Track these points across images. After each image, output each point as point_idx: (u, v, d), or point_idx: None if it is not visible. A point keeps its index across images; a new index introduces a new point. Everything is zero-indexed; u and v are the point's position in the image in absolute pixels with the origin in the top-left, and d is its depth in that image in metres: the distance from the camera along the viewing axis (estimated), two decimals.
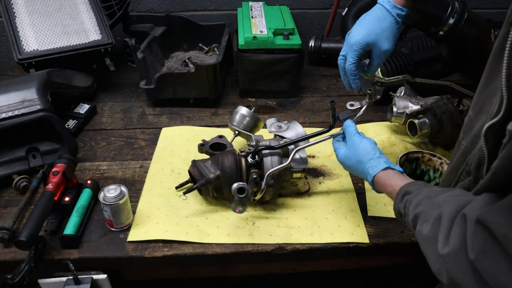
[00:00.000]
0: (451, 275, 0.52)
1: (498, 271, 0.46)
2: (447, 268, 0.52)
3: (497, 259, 0.46)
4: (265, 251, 0.82)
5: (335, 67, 1.55)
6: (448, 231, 0.53)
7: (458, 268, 0.51)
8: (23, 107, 0.97)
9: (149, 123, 1.20)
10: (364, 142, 0.78)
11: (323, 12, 1.59)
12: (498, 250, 0.46)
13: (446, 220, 0.54)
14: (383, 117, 1.17)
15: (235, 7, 1.52)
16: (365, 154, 0.76)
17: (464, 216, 0.52)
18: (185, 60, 1.44)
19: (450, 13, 1.07)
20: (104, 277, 0.80)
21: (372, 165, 0.74)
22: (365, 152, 0.76)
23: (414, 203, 0.62)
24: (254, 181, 0.83)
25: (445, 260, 0.53)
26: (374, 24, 0.84)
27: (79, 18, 1.26)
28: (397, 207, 0.66)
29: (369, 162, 0.74)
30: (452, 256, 0.52)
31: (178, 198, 0.92)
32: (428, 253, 0.57)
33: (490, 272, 0.47)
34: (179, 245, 0.82)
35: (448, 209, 0.55)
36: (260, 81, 1.28)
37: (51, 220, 0.84)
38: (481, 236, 0.48)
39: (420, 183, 0.67)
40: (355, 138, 0.80)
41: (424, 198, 0.61)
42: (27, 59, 1.15)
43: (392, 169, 0.73)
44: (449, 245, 0.52)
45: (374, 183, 0.74)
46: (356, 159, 0.77)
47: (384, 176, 0.72)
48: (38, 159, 0.99)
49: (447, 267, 0.52)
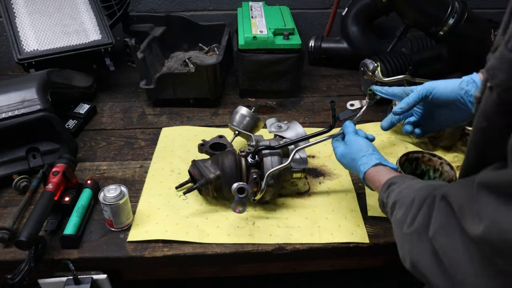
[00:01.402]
0: (412, 255, 0.52)
1: (452, 248, 0.46)
2: (409, 249, 0.53)
3: (453, 236, 0.46)
4: (265, 251, 0.82)
5: (335, 67, 1.55)
6: (417, 212, 0.54)
7: (418, 248, 0.51)
8: (23, 107, 0.97)
9: (149, 123, 1.20)
10: (359, 140, 0.79)
11: (323, 12, 1.59)
12: (455, 226, 0.46)
13: (417, 202, 0.55)
14: (383, 117, 1.16)
15: (235, 7, 1.52)
16: (358, 152, 0.77)
17: (434, 197, 0.52)
18: (185, 60, 1.44)
19: (450, 13, 1.08)
20: (104, 277, 0.80)
21: (363, 162, 0.75)
22: (358, 149, 0.77)
23: (396, 192, 0.63)
24: (254, 181, 0.83)
25: (408, 240, 0.53)
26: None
27: (79, 18, 1.26)
28: (381, 197, 0.67)
29: (361, 159, 0.76)
30: (414, 235, 0.52)
31: (178, 198, 0.92)
32: (397, 238, 0.57)
33: (444, 249, 0.47)
34: (179, 245, 0.82)
35: (422, 193, 0.55)
36: (260, 81, 1.28)
37: (51, 220, 0.84)
38: (443, 212, 0.49)
39: (408, 176, 0.68)
40: (350, 137, 0.81)
41: (406, 188, 0.62)
42: (27, 59, 1.15)
43: (384, 165, 0.73)
44: (414, 225, 0.53)
45: (365, 179, 0.75)
46: (350, 157, 0.79)
47: (374, 172, 0.73)
48: (38, 159, 0.99)
49: (409, 247, 0.53)
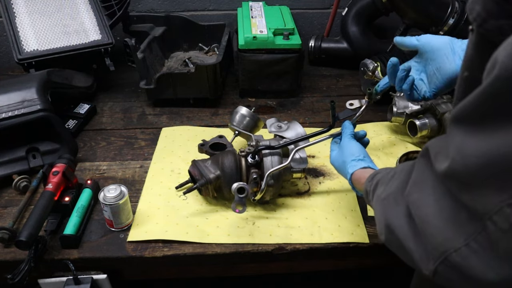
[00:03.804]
0: (387, 220, 0.51)
1: (423, 202, 0.45)
2: (384, 214, 0.52)
3: (426, 189, 0.45)
4: (265, 251, 0.82)
5: (335, 67, 1.55)
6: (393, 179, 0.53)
7: (394, 211, 0.50)
8: (23, 107, 0.97)
9: (149, 123, 1.20)
10: (352, 144, 0.78)
11: (323, 12, 1.59)
12: (428, 176, 0.46)
13: (397, 175, 0.54)
14: (383, 117, 1.17)
15: (235, 7, 1.52)
16: (349, 155, 0.76)
17: (413, 164, 0.51)
18: (185, 60, 1.44)
19: (450, 13, 1.08)
20: (104, 277, 0.80)
21: (352, 165, 0.74)
22: (350, 153, 0.76)
23: (379, 177, 0.61)
24: (254, 181, 0.83)
25: (384, 205, 0.52)
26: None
27: (79, 18, 1.26)
28: (365, 187, 0.65)
29: (350, 163, 0.74)
30: (390, 199, 0.51)
31: (178, 198, 0.92)
32: (376, 213, 0.56)
33: (416, 205, 0.46)
34: (179, 245, 0.82)
35: (402, 167, 0.55)
36: (260, 81, 1.28)
37: (51, 220, 0.84)
38: (420, 167, 0.48)
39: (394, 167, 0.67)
40: (345, 140, 0.80)
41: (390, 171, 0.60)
42: (27, 59, 1.15)
43: (373, 168, 0.72)
44: (390, 189, 0.52)
45: (352, 181, 0.73)
46: (341, 159, 0.78)
47: (360, 173, 0.71)
48: (38, 159, 0.99)
49: (384, 212, 0.52)
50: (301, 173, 0.89)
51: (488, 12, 0.39)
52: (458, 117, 0.41)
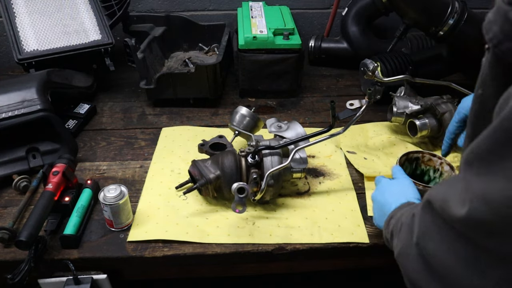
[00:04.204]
0: (405, 273, 0.50)
1: (440, 251, 0.44)
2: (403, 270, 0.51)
3: (437, 238, 0.45)
4: (265, 251, 0.82)
5: (335, 67, 1.55)
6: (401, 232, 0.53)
7: (408, 263, 0.49)
8: (23, 107, 0.97)
9: (149, 123, 1.20)
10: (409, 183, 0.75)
11: (323, 12, 1.59)
12: (437, 228, 0.45)
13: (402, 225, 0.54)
14: (383, 117, 1.17)
15: (235, 7, 1.52)
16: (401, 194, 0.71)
17: (413, 214, 0.51)
18: (185, 60, 1.44)
19: (450, 13, 1.07)
20: (104, 277, 0.80)
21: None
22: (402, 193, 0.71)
23: (393, 224, 0.60)
24: (254, 181, 0.83)
25: (399, 262, 0.52)
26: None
27: (79, 18, 1.26)
28: (385, 235, 0.64)
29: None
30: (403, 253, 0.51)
31: (178, 198, 0.92)
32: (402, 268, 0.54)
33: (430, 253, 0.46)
34: (179, 245, 0.82)
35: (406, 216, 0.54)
36: (260, 81, 1.28)
37: (51, 220, 0.84)
38: (425, 216, 0.48)
39: (403, 205, 0.65)
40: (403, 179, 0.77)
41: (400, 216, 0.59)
42: (27, 59, 1.15)
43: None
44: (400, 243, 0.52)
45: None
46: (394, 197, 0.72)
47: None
48: (38, 159, 0.99)
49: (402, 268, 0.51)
50: (301, 173, 0.89)
51: (505, 34, 0.39)
52: (469, 160, 0.40)
